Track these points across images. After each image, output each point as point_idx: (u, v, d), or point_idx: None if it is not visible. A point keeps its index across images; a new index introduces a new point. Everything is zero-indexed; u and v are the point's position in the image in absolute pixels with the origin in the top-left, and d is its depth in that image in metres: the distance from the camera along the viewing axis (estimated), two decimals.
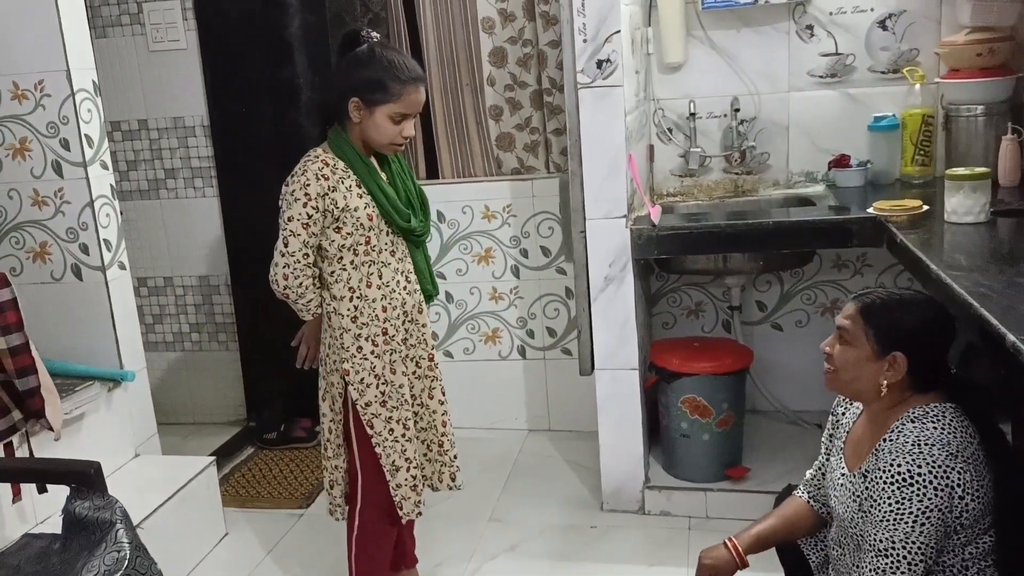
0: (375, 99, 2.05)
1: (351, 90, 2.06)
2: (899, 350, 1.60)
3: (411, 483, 2.23)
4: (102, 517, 1.80)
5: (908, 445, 1.54)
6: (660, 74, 3.15)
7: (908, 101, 2.96)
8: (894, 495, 1.52)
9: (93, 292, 2.75)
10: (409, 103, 2.07)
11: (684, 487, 2.85)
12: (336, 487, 2.29)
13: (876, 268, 3.13)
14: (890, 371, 1.61)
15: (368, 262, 2.13)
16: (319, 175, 2.06)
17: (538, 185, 3.38)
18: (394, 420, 2.19)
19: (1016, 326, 1.39)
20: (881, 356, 1.61)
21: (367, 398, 2.16)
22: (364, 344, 2.14)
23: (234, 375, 3.79)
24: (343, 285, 2.13)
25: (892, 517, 1.52)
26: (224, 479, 3.26)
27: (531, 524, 2.87)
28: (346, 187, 2.08)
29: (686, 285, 3.30)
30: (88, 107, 2.68)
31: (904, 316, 1.63)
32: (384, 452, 2.19)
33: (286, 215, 2.06)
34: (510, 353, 3.55)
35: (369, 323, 2.14)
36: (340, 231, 2.09)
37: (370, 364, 2.15)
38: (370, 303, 2.14)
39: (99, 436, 2.68)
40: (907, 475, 1.51)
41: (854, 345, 1.65)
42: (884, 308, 1.64)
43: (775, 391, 3.24)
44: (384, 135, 2.08)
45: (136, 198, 3.73)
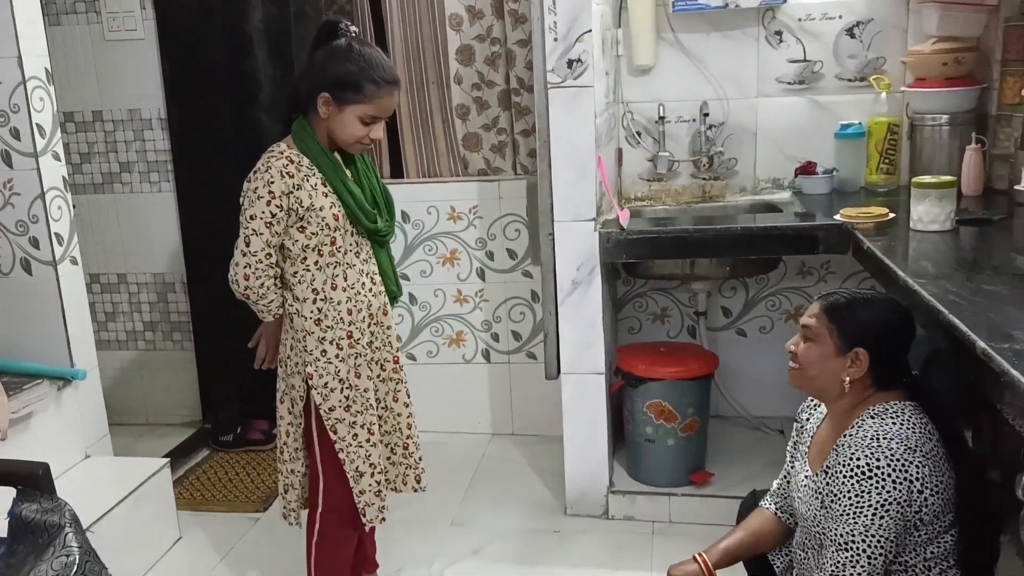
0: (347, 97, 1.98)
1: (323, 84, 1.98)
2: (861, 346, 1.63)
3: (375, 488, 2.17)
4: (50, 520, 1.73)
5: (867, 439, 1.56)
6: (630, 76, 3.14)
7: (874, 109, 2.98)
8: (853, 488, 1.54)
9: (43, 287, 2.66)
10: (381, 106, 2.01)
11: (648, 492, 2.83)
12: (292, 491, 2.22)
13: (840, 275, 3.15)
14: (852, 367, 1.64)
15: (333, 263, 2.07)
16: (284, 172, 1.98)
17: (505, 187, 3.34)
18: (358, 425, 2.13)
19: (985, 333, 1.39)
20: (844, 352, 1.64)
21: (331, 403, 2.09)
22: (328, 348, 2.08)
23: (189, 376, 3.69)
24: (307, 286, 2.06)
25: (852, 511, 1.53)
26: (178, 481, 3.17)
27: (494, 528, 2.83)
28: (311, 185, 2.01)
29: (652, 290, 3.29)
30: (40, 95, 2.59)
31: (867, 314, 1.67)
32: (348, 458, 2.13)
33: (248, 213, 1.98)
34: (474, 356, 3.51)
35: (334, 326, 2.08)
36: (304, 231, 2.02)
37: (334, 368, 2.08)
38: (335, 305, 2.07)
39: (48, 436, 2.59)
40: (866, 468, 1.53)
41: (818, 342, 1.68)
42: (848, 307, 1.68)
43: (739, 397, 3.24)
44: (351, 135, 2.02)
45: (90, 192, 3.62)
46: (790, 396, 2.10)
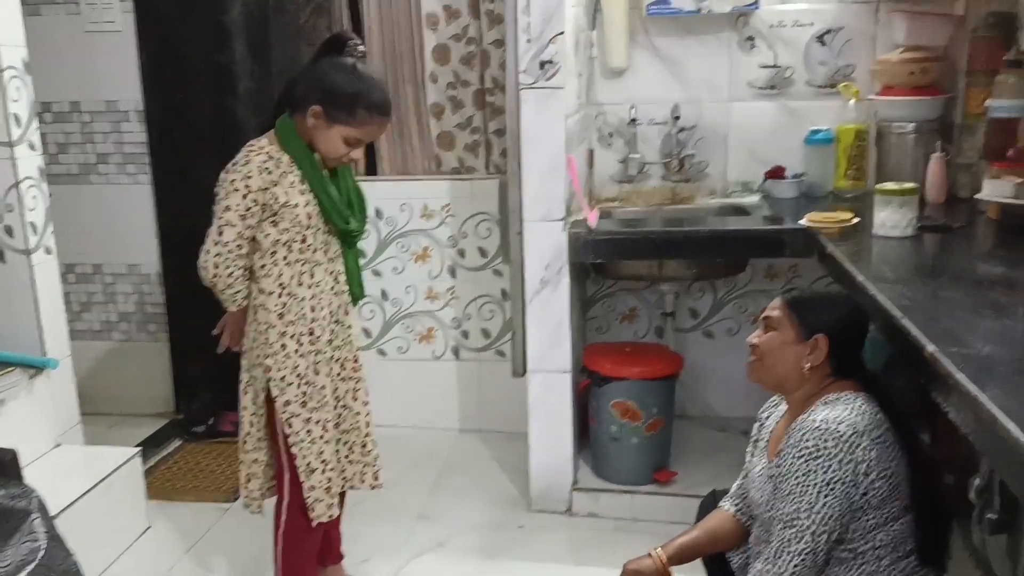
0: (338, 116, 2.02)
1: (319, 96, 2.02)
2: (821, 333, 1.70)
3: (324, 485, 2.18)
4: (17, 506, 1.76)
5: (816, 423, 1.61)
6: (603, 78, 3.18)
7: (843, 116, 3.03)
8: (800, 468, 1.59)
9: (17, 276, 2.67)
10: (368, 132, 2.07)
11: (612, 489, 2.87)
12: (254, 480, 2.25)
13: (807, 278, 3.20)
14: (812, 354, 1.70)
15: (302, 260, 2.10)
16: (262, 168, 2.01)
17: (477, 185, 3.38)
18: (312, 421, 2.14)
19: (936, 336, 1.43)
20: (804, 339, 1.71)
21: (287, 397, 2.11)
22: (288, 342, 2.10)
23: (163, 367, 3.71)
24: (273, 280, 2.09)
25: (798, 489, 1.59)
26: (149, 471, 3.18)
27: (459, 522, 2.87)
28: (288, 183, 2.04)
29: (621, 290, 3.34)
30: (17, 85, 2.60)
31: (826, 305, 1.76)
32: (300, 453, 2.14)
33: (223, 204, 2.02)
34: (444, 353, 3.54)
35: (296, 321, 2.10)
36: (276, 225, 2.05)
37: (292, 363, 2.11)
38: (299, 301, 2.10)
39: (18, 424, 2.60)
40: (813, 449, 1.58)
41: (779, 331, 1.74)
42: (808, 299, 1.77)
43: (704, 397, 3.30)
44: (332, 151, 2.06)
45: (66, 182, 3.62)
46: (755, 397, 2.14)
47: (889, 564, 1.62)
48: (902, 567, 1.62)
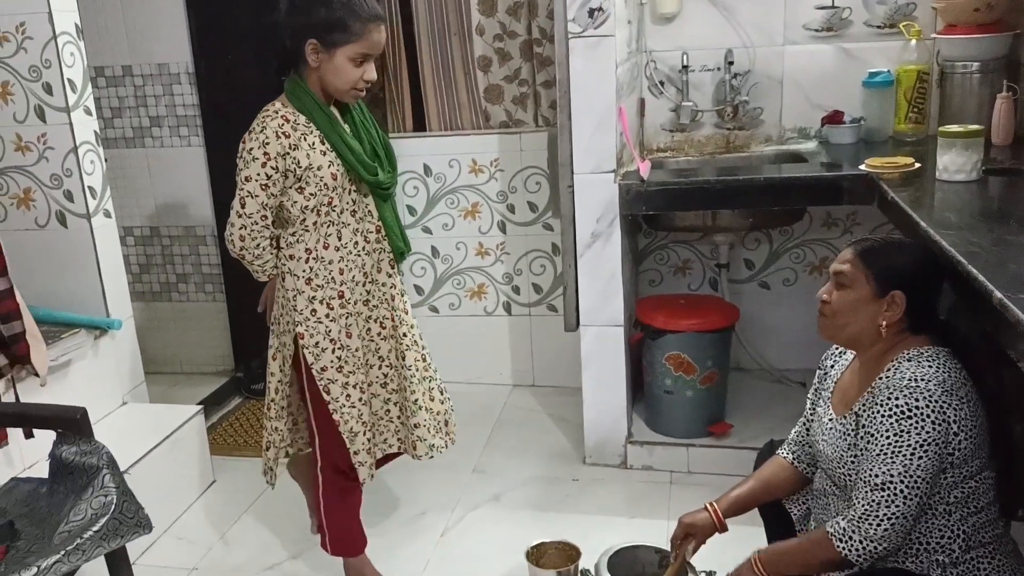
0: (335, 40, 1.92)
1: (308, 31, 1.92)
2: (898, 289, 1.63)
3: (367, 447, 2.16)
4: (88, 462, 1.81)
5: (905, 380, 1.56)
6: (653, 25, 3.11)
7: (903, 57, 2.93)
8: (892, 428, 1.54)
9: (78, 239, 2.74)
10: (371, 43, 1.95)
11: (666, 442, 2.87)
12: (272, 448, 2.23)
13: (866, 226, 3.13)
14: (889, 310, 1.63)
15: (328, 223, 2.03)
16: (279, 132, 1.94)
17: (526, 139, 3.35)
18: (351, 385, 2.11)
19: (1003, 283, 1.39)
20: (881, 295, 1.64)
21: (323, 363, 2.08)
22: (319, 307, 2.06)
23: (221, 326, 3.79)
24: (301, 246, 2.04)
25: (890, 450, 1.54)
26: (212, 428, 3.28)
27: (514, 476, 2.90)
28: (308, 144, 1.97)
29: (674, 242, 3.30)
30: (71, 51, 2.64)
31: (901, 257, 1.67)
32: (342, 418, 2.11)
33: (243, 175, 1.95)
34: (495, 309, 3.55)
35: (324, 285, 2.06)
36: (303, 191, 1.98)
37: (325, 328, 2.07)
38: (326, 265, 2.05)
39: (86, 383, 2.68)
40: (905, 408, 1.53)
41: (852, 288, 1.67)
42: (882, 251, 1.68)
43: (760, 349, 3.26)
44: (345, 79, 1.96)
45: (121, 146, 3.68)
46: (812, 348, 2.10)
47: (959, 519, 1.59)
48: (972, 523, 1.59)
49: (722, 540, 1.87)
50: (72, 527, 1.71)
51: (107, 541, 1.70)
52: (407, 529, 2.63)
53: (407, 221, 3.51)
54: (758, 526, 1.98)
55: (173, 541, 2.64)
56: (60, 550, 1.62)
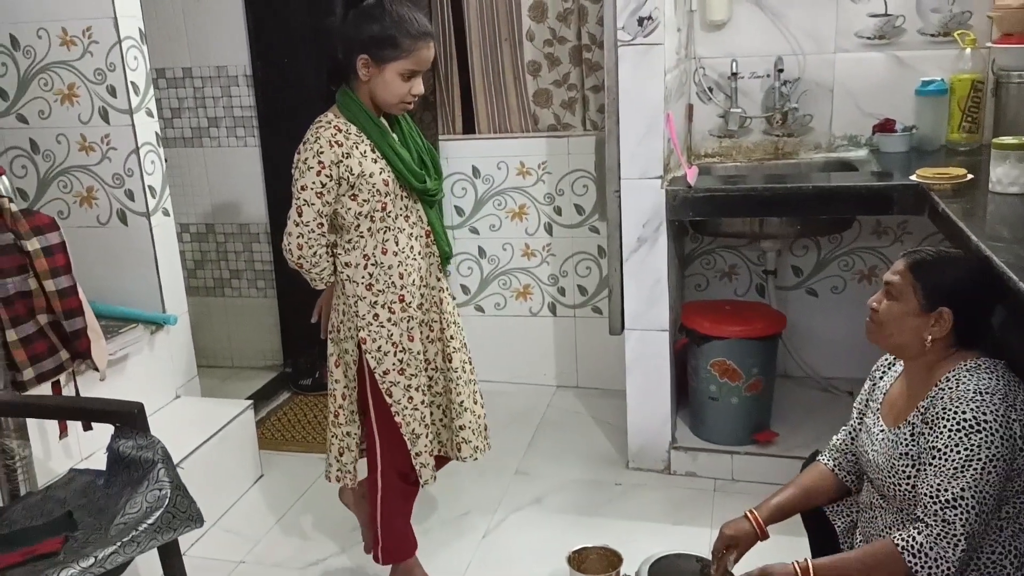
0: (385, 55, 1.98)
1: (360, 46, 1.99)
2: (946, 306, 1.61)
3: (429, 449, 2.22)
4: (144, 456, 1.87)
5: (970, 393, 1.53)
6: (702, 32, 3.11)
7: (957, 66, 2.89)
8: (961, 442, 1.51)
9: (138, 237, 2.82)
10: (419, 59, 2.01)
11: (710, 449, 2.87)
12: (347, 453, 2.25)
13: (917, 236, 3.10)
14: (935, 326, 1.62)
15: (384, 228, 2.09)
16: (332, 142, 2.00)
17: (574, 142, 3.37)
18: (413, 388, 2.16)
19: None
20: (927, 311, 1.63)
21: (385, 366, 2.12)
22: (380, 312, 2.11)
23: (272, 322, 3.86)
24: (358, 253, 2.09)
25: (960, 464, 1.50)
26: (260, 422, 3.35)
27: (557, 478, 2.92)
28: (360, 152, 2.03)
29: (720, 248, 3.29)
30: (134, 55, 2.72)
31: (952, 273, 1.65)
32: (404, 420, 2.16)
33: (299, 184, 2.01)
34: (541, 310, 3.58)
35: (385, 290, 2.10)
36: (356, 198, 2.04)
37: (387, 332, 2.11)
38: (386, 270, 2.10)
39: (142, 377, 2.77)
40: (973, 422, 1.50)
41: (900, 300, 1.66)
42: (933, 265, 1.66)
43: (807, 357, 3.24)
44: (394, 93, 2.02)
45: (180, 145, 3.78)
46: (860, 357, 2.08)
47: (1011, 535, 1.56)
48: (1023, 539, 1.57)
49: (762, 548, 1.86)
50: (128, 519, 1.77)
51: (160, 534, 1.76)
52: (449, 529, 2.67)
53: (455, 221, 3.55)
54: (798, 535, 1.97)
55: (221, 534, 2.70)
56: (116, 541, 1.67)
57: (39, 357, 2.16)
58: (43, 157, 2.81)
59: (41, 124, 2.78)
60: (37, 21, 2.68)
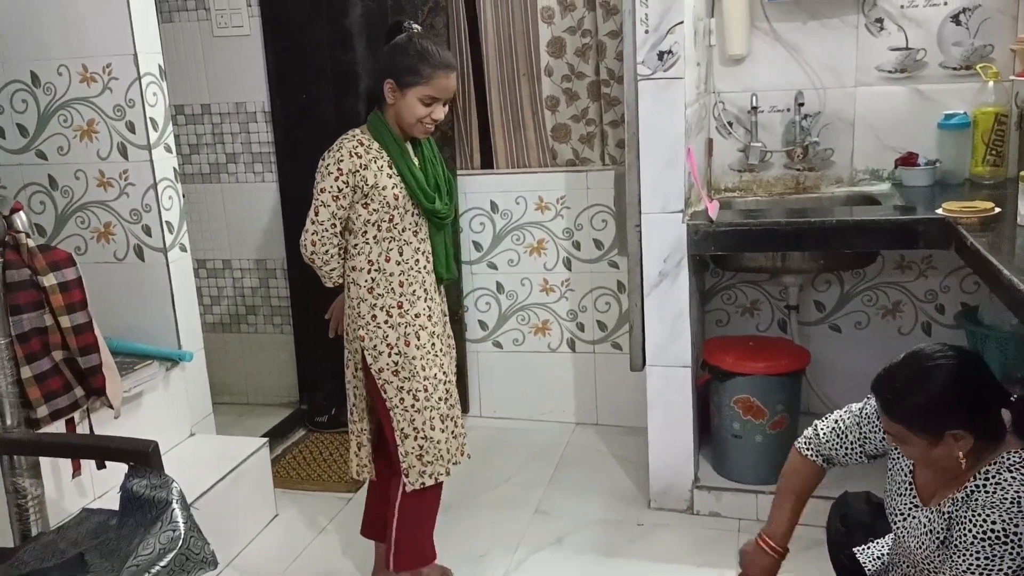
0: (407, 81, 2.16)
1: (387, 73, 2.19)
2: (950, 429, 1.54)
3: (416, 452, 2.29)
4: (158, 496, 1.83)
5: (1007, 503, 1.49)
6: (722, 66, 3.10)
7: (980, 99, 2.86)
8: (985, 551, 1.48)
9: (154, 273, 2.81)
10: (438, 87, 2.17)
11: (735, 488, 2.81)
12: (363, 448, 2.40)
13: (941, 270, 3.05)
14: (958, 444, 1.55)
15: (389, 238, 2.24)
16: (353, 152, 2.18)
17: (593, 177, 3.35)
18: (405, 390, 2.26)
19: None
20: (938, 440, 1.56)
21: (380, 364, 2.26)
22: (379, 314, 2.24)
23: (288, 358, 3.84)
24: (363, 258, 2.24)
25: (979, 571, 1.49)
26: (276, 460, 3.31)
27: (577, 518, 2.86)
28: (377, 167, 2.19)
29: (742, 282, 3.25)
30: (154, 91, 2.73)
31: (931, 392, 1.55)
32: (395, 417, 2.27)
33: (319, 186, 2.20)
34: (559, 345, 3.54)
35: (385, 294, 2.24)
36: (367, 207, 2.20)
37: (383, 333, 2.24)
38: (387, 276, 2.24)
39: (157, 414, 2.74)
40: (1002, 534, 1.47)
41: (907, 443, 1.61)
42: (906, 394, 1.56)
43: (831, 394, 3.17)
44: (413, 115, 2.19)
45: (197, 181, 3.79)
46: None
47: None
48: None
49: None
50: (140, 561, 1.72)
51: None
52: (468, 570, 2.61)
53: (473, 256, 3.53)
54: None
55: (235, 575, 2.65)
56: None
57: (54, 394, 2.14)
58: (61, 193, 2.82)
59: (60, 160, 2.79)
60: (58, 58, 2.70)
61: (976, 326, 2.88)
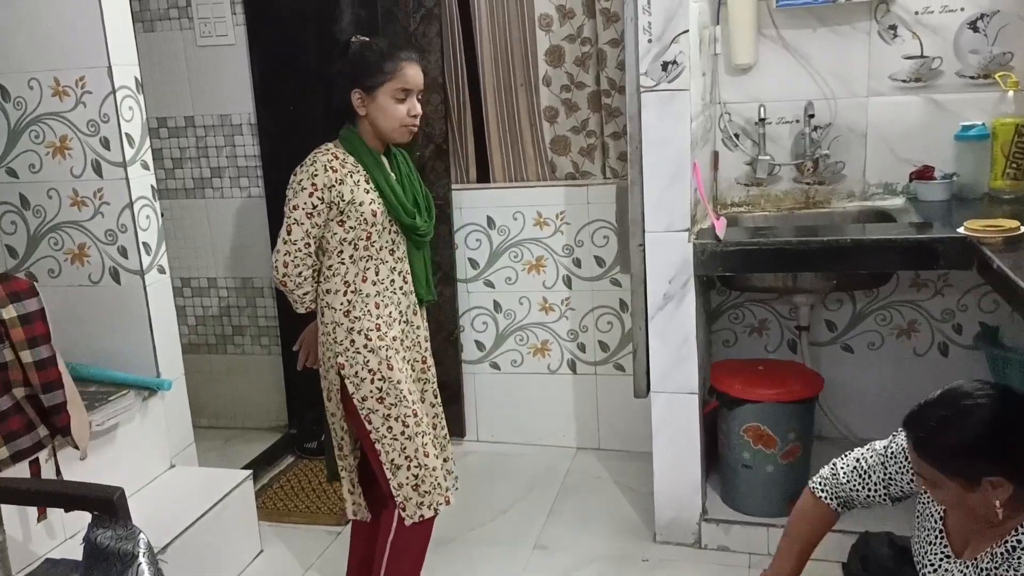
0: (374, 83, 2.06)
1: (352, 83, 2.08)
2: (986, 475, 1.41)
3: (412, 483, 2.14)
4: (124, 549, 1.68)
5: None
6: (727, 75, 2.96)
7: (1000, 109, 2.73)
8: None
9: (131, 296, 2.66)
10: (405, 78, 2.07)
11: (744, 521, 2.66)
12: (357, 487, 2.25)
13: (958, 288, 2.91)
14: (996, 491, 1.42)
15: (366, 257, 2.11)
16: (327, 167, 2.05)
17: (593, 191, 3.21)
18: (392, 417, 2.12)
19: None
20: (974, 486, 1.43)
21: (363, 392, 2.11)
22: (357, 338, 2.11)
23: (276, 380, 3.70)
24: (339, 279, 2.12)
25: None
26: (262, 490, 3.17)
27: (579, 553, 2.71)
28: (354, 181, 2.07)
29: (750, 301, 3.11)
30: (129, 105, 2.59)
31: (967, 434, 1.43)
32: (383, 449, 2.12)
33: (291, 203, 2.07)
34: (560, 367, 3.39)
35: (362, 317, 2.11)
36: (343, 224, 2.08)
37: (363, 358, 2.10)
38: (364, 298, 2.11)
39: (133, 447, 2.60)
40: None
41: (940, 486, 1.48)
42: (938, 436, 1.45)
43: (843, 417, 3.03)
44: (391, 117, 2.08)
45: (181, 196, 3.64)
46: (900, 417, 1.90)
47: None
48: None
49: None
50: None
51: None
52: None
53: (469, 274, 3.39)
54: None
55: None
56: None
57: (15, 435, 1.98)
58: (33, 213, 2.67)
59: (32, 178, 2.64)
60: (28, 71, 2.56)
61: (997, 348, 2.74)
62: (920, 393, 1.63)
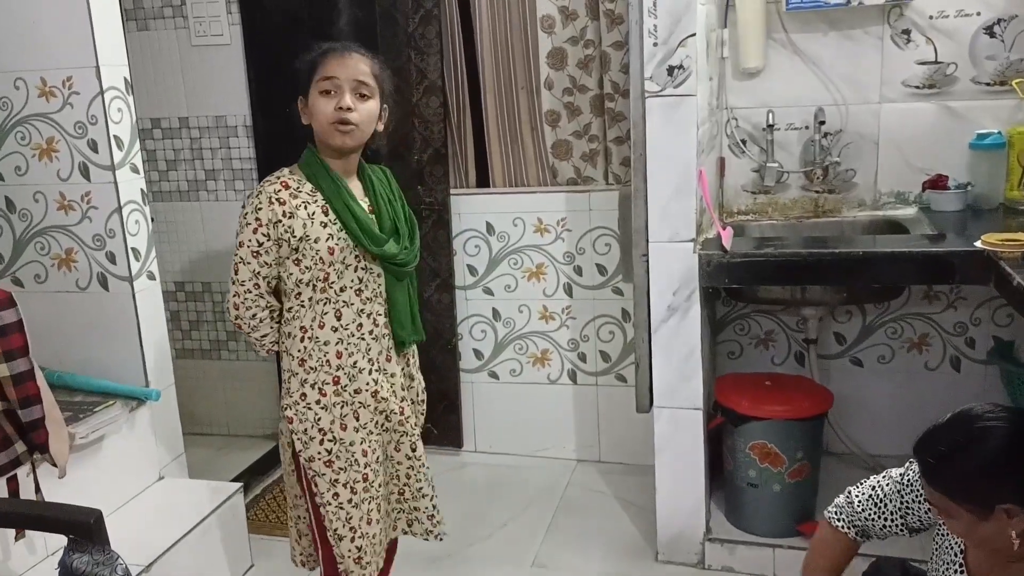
0: (306, 85, 1.87)
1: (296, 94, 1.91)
2: (999, 503, 1.33)
3: (355, 555, 1.95)
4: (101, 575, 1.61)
5: None
6: (735, 80, 2.88)
7: (1016, 117, 2.66)
8: None
9: (119, 303, 2.58)
10: (328, 66, 1.85)
11: (750, 541, 2.58)
12: (304, 537, 2.07)
13: (972, 301, 2.83)
14: (1010, 523, 1.34)
15: (324, 299, 1.88)
16: (273, 199, 1.83)
17: (596, 198, 3.13)
18: (340, 483, 1.91)
19: None
20: (987, 515, 1.35)
21: (310, 452, 1.90)
22: (309, 392, 1.89)
23: (270, 386, 3.61)
24: (297, 324, 1.90)
25: None
26: (254, 501, 3.09)
27: (578, 572, 2.62)
28: (308, 213, 1.84)
29: (756, 312, 3.02)
30: (118, 106, 2.51)
31: (977, 459, 1.36)
32: (327, 516, 1.92)
33: (238, 240, 1.86)
34: (560, 377, 3.31)
35: (318, 368, 1.89)
36: (299, 264, 1.85)
37: (314, 415, 1.89)
38: (321, 346, 1.89)
39: (120, 459, 2.52)
40: None
41: (954, 516, 1.40)
42: (947, 462, 1.37)
43: (853, 433, 2.95)
44: (322, 115, 1.84)
45: (175, 199, 3.56)
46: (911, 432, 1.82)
47: None
48: None
49: None
50: None
51: None
52: None
53: (467, 282, 3.31)
54: None
55: None
56: None
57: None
58: (19, 217, 2.59)
59: (17, 181, 2.56)
60: (14, 70, 2.48)
61: (1012, 364, 2.66)
62: (932, 409, 1.56)
